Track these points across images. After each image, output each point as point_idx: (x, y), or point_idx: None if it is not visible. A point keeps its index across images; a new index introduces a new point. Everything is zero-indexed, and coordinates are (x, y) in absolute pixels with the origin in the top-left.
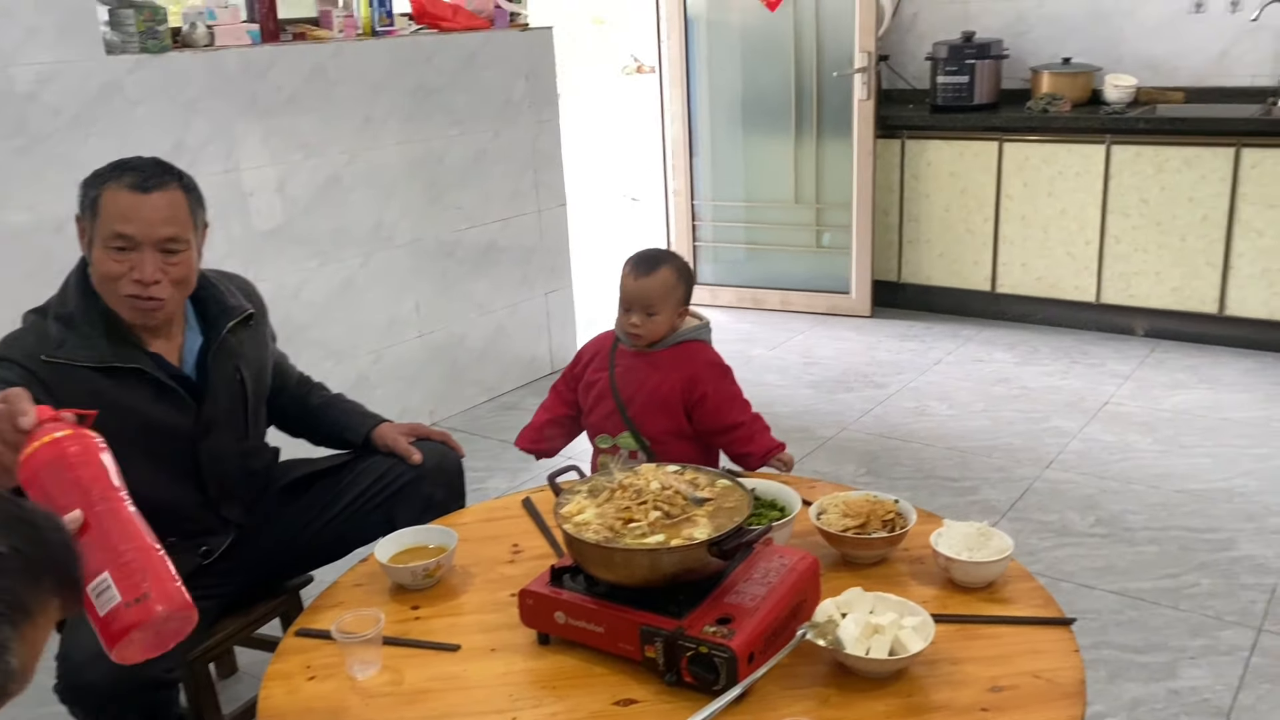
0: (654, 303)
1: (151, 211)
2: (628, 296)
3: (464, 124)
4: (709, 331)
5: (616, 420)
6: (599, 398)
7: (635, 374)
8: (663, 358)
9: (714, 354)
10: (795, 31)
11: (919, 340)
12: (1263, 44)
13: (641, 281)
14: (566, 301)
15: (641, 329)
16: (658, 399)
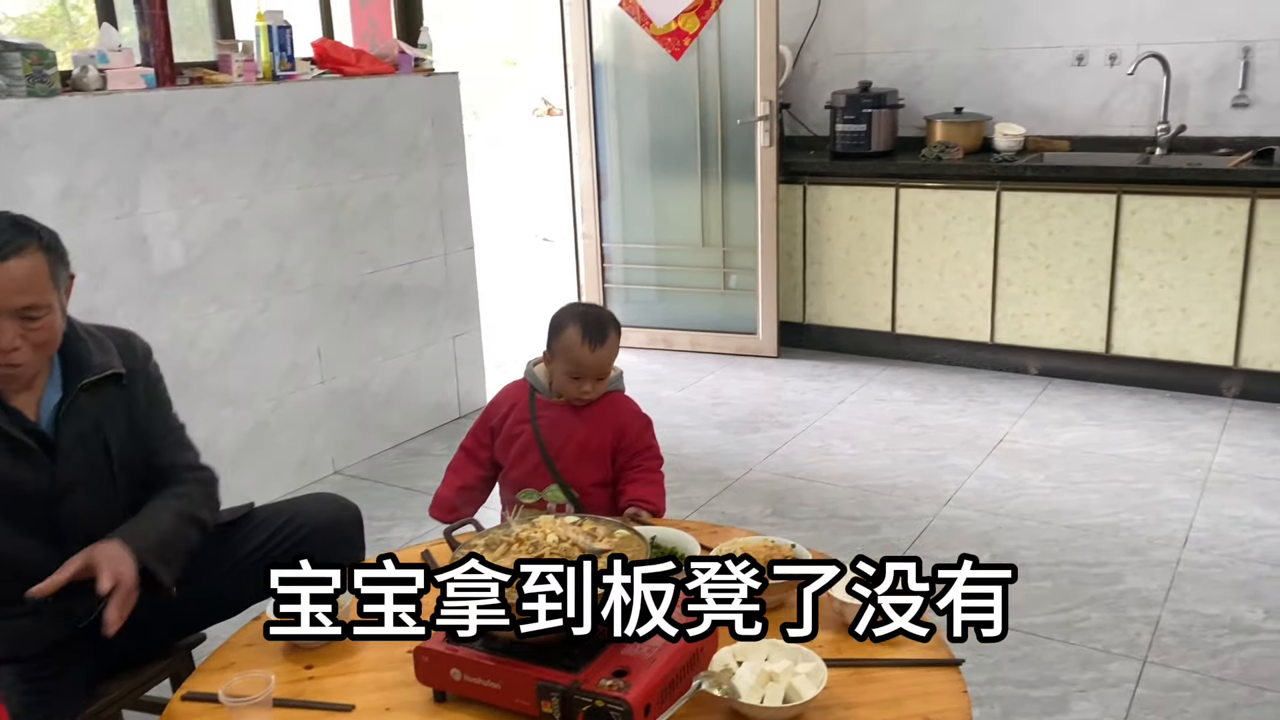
0: (607, 369)
1: (8, 281)
2: (583, 367)
3: (368, 167)
4: (623, 380)
5: (543, 473)
6: (523, 451)
7: (562, 426)
8: (589, 410)
9: (636, 405)
10: (700, 80)
11: (824, 380)
12: (1140, 96)
13: (599, 352)
14: (475, 344)
15: (593, 394)
16: (589, 451)
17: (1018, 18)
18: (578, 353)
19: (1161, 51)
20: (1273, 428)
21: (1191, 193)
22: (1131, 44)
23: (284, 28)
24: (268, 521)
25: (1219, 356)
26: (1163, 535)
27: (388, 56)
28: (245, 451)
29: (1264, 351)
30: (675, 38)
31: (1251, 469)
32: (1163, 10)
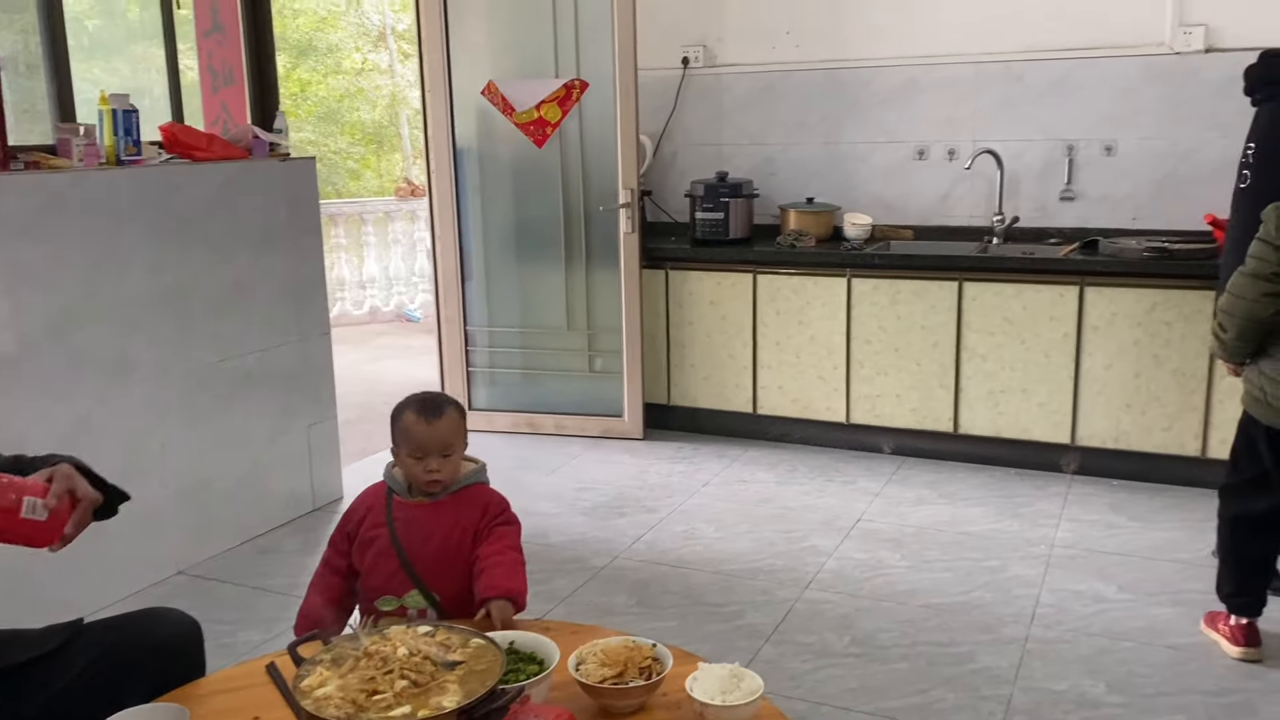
0: (450, 443)
1: None
2: (422, 443)
3: (219, 253)
4: (486, 473)
5: (402, 579)
6: (380, 556)
7: (419, 526)
8: (447, 505)
9: (500, 497)
10: (563, 166)
11: (688, 462)
12: (977, 189)
13: (435, 424)
14: (330, 433)
15: (441, 473)
16: (448, 549)
17: (862, 115)
18: (414, 430)
19: (994, 148)
20: (1108, 502)
21: (1026, 280)
22: (968, 140)
23: (129, 111)
24: (97, 641)
25: (1057, 434)
26: (1011, 612)
27: (241, 141)
28: (79, 554)
29: (1097, 429)
30: (537, 125)
31: (1090, 543)
32: (994, 110)
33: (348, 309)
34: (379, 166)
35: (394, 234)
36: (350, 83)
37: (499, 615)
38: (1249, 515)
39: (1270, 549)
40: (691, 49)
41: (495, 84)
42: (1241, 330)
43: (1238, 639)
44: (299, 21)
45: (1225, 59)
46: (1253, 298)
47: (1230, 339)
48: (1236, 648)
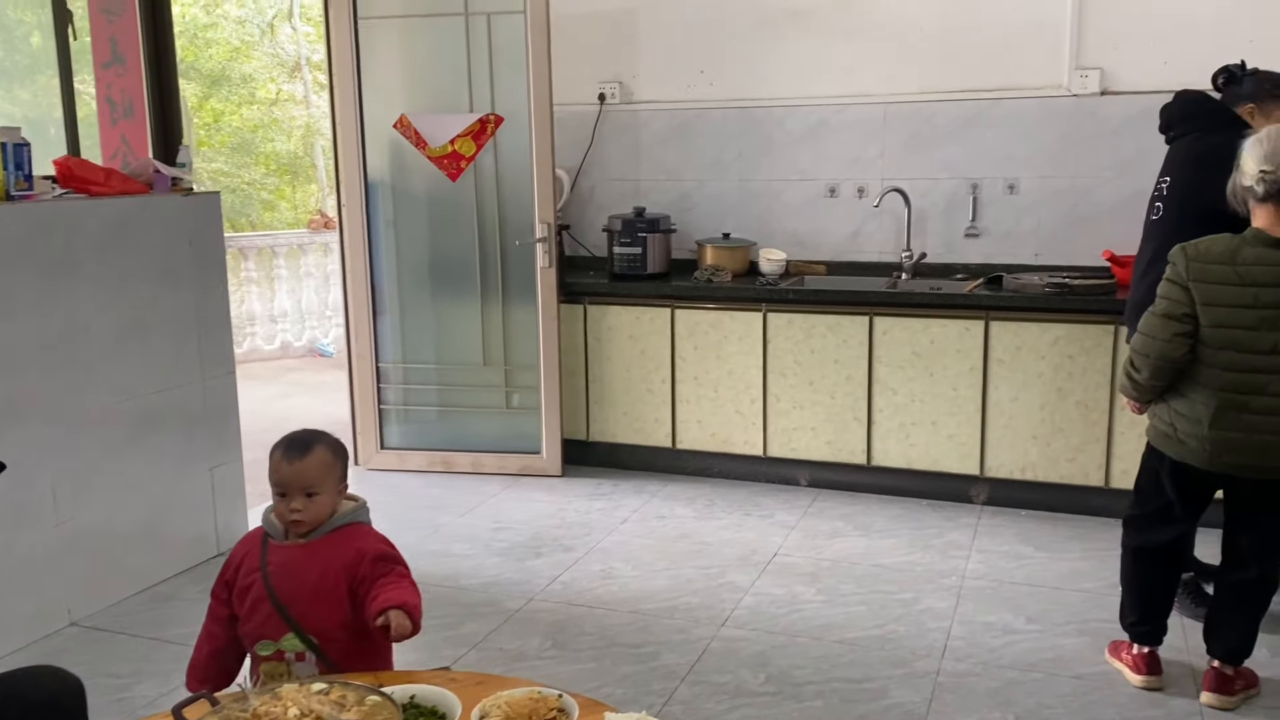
0: (313, 483)
1: None
2: (283, 481)
3: (117, 291)
4: (367, 512)
5: (277, 622)
6: (255, 602)
7: (292, 568)
8: (321, 546)
9: (378, 536)
10: (478, 201)
11: (607, 499)
12: (886, 226)
13: (297, 463)
14: (235, 476)
15: (304, 514)
16: (324, 590)
17: (775, 153)
18: (279, 468)
19: (902, 186)
20: (1017, 533)
21: (934, 315)
22: (877, 179)
23: (20, 145)
24: None
25: (967, 466)
26: (924, 646)
27: (141, 175)
28: None
29: (1005, 460)
30: (451, 160)
31: (1000, 574)
32: (901, 150)
33: (258, 344)
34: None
35: (307, 267)
36: (265, 113)
37: (395, 623)
38: (1152, 546)
39: (1172, 579)
40: (608, 85)
41: (408, 117)
42: (1155, 370)
43: (1140, 667)
44: (212, 51)
45: (1119, 101)
46: (1165, 338)
47: (1144, 379)
48: (1139, 676)
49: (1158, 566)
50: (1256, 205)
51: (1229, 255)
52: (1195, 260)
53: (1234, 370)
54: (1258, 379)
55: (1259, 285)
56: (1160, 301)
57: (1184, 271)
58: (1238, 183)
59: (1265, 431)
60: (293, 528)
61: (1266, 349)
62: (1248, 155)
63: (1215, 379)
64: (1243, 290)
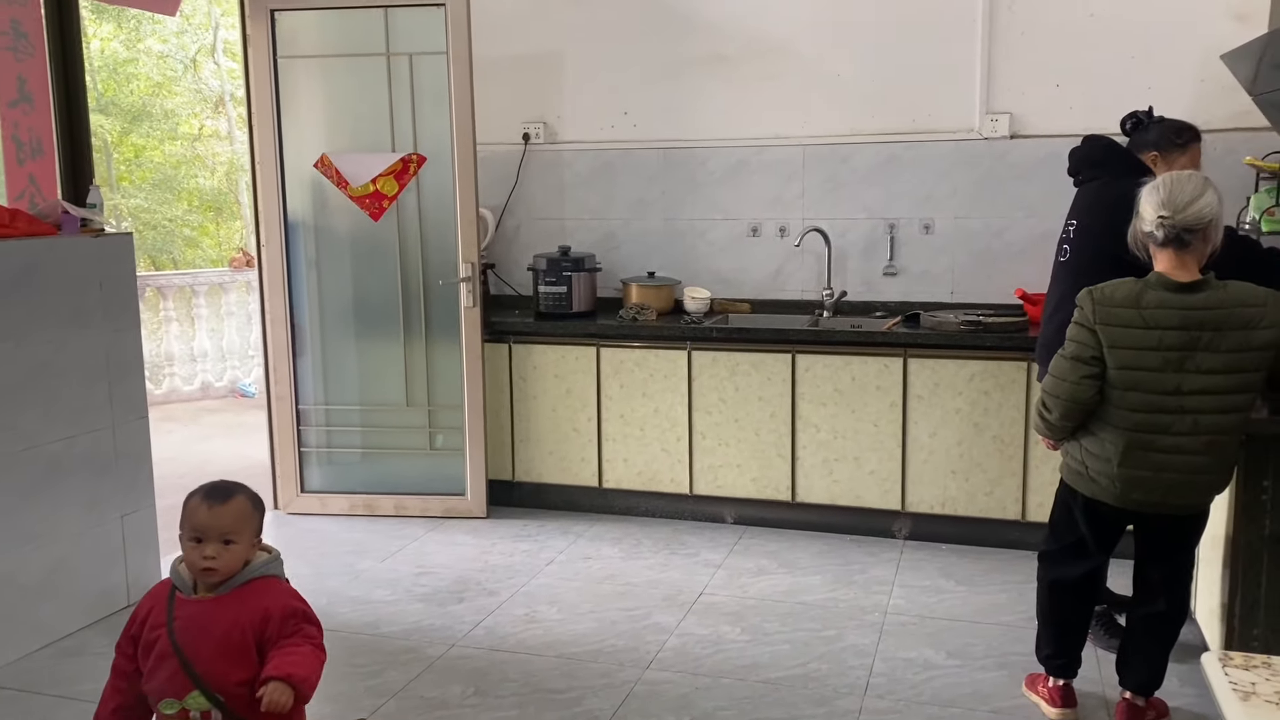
0: (230, 531)
1: None
2: (200, 527)
3: (21, 336)
4: (281, 565)
5: (182, 680)
6: (160, 659)
7: (199, 622)
8: (230, 600)
9: (290, 591)
10: (401, 240)
11: (532, 540)
12: (807, 265)
13: (216, 509)
14: (148, 523)
15: (218, 562)
16: (231, 646)
17: (698, 193)
18: (197, 513)
19: (822, 226)
20: (938, 567)
21: (854, 352)
22: (797, 218)
23: None
24: None
25: (889, 501)
26: (846, 684)
27: (49, 217)
28: None
29: (925, 495)
30: (374, 199)
31: (921, 609)
32: (820, 191)
33: (178, 384)
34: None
35: (228, 306)
36: (188, 149)
37: (270, 697)
38: (1066, 580)
39: (1086, 612)
40: (532, 125)
41: (329, 157)
42: (1066, 411)
43: (1055, 700)
44: (133, 86)
45: (1028, 144)
46: (1074, 380)
47: (1055, 419)
48: (1055, 709)
49: (1072, 600)
50: (1157, 250)
51: (1133, 299)
52: (1101, 304)
53: (1140, 410)
54: (1163, 419)
55: (1162, 328)
56: (1069, 344)
57: (1091, 315)
58: (1138, 228)
59: (1171, 470)
60: (203, 577)
61: (1170, 389)
62: (1146, 202)
63: (1123, 419)
64: (1147, 333)
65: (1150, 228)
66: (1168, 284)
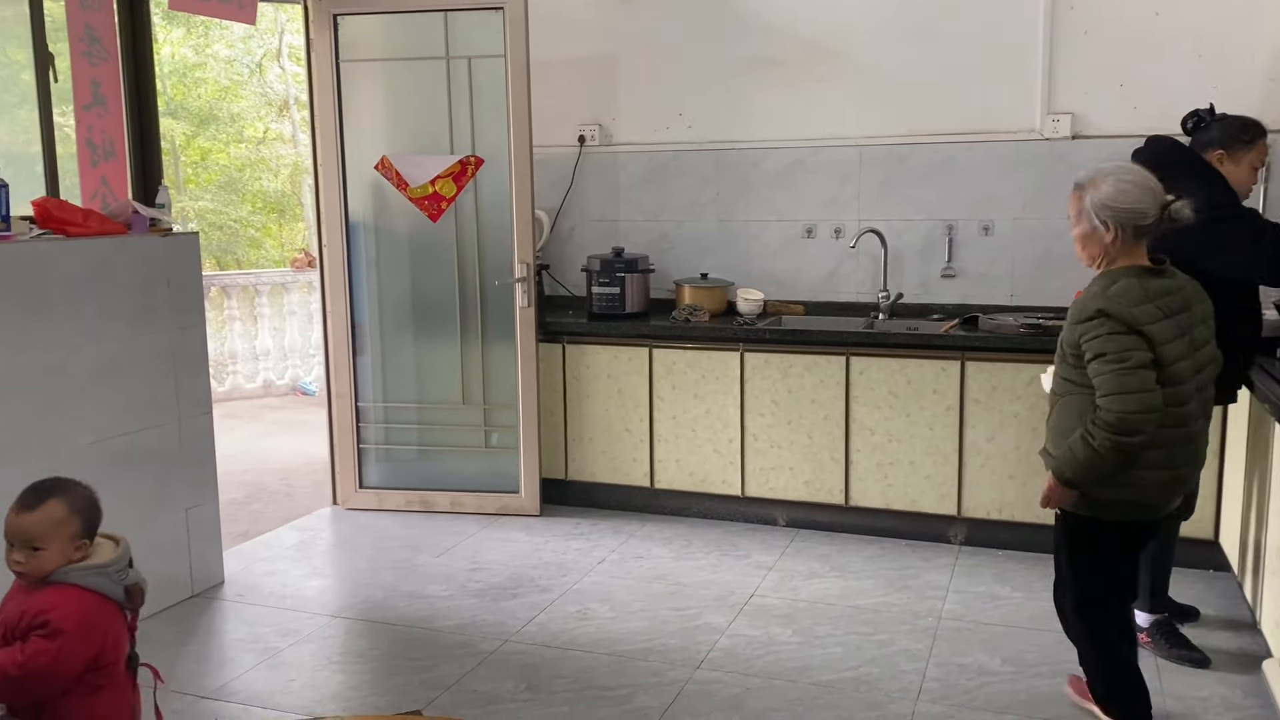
0: (37, 539)
1: None
2: (7, 531)
3: (92, 332)
4: (108, 581)
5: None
6: None
7: (11, 604)
8: (29, 595)
9: (64, 601)
10: (459, 241)
11: (584, 538)
12: (862, 267)
13: (23, 516)
14: (211, 516)
15: (24, 567)
16: (3, 637)
17: (752, 194)
18: (5, 517)
19: (878, 227)
20: (994, 573)
21: (910, 355)
22: (853, 220)
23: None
24: None
25: (944, 506)
26: (899, 688)
27: (120, 216)
28: None
29: (982, 500)
30: (432, 201)
31: (976, 615)
32: (877, 192)
33: (240, 382)
34: (280, 235)
35: (290, 305)
36: (253, 151)
37: None
38: (1128, 619)
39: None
40: (587, 127)
41: (389, 159)
42: (1156, 422)
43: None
44: (200, 90)
45: (1090, 145)
46: (1153, 388)
47: (1147, 436)
48: (1108, 717)
49: (1129, 636)
50: (1134, 243)
51: (1144, 294)
52: (1128, 304)
53: (1180, 404)
54: (1191, 406)
55: (1174, 314)
56: (1128, 354)
57: (1130, 318)
58: (1123, 217)
59: (1200, 457)
60: (18, 578)
61: (1190, 374)
62: (1129, 196)
63: (1171, 417)
64: (1168, 323)
65: (1149, 220)
66: (1151, 272)
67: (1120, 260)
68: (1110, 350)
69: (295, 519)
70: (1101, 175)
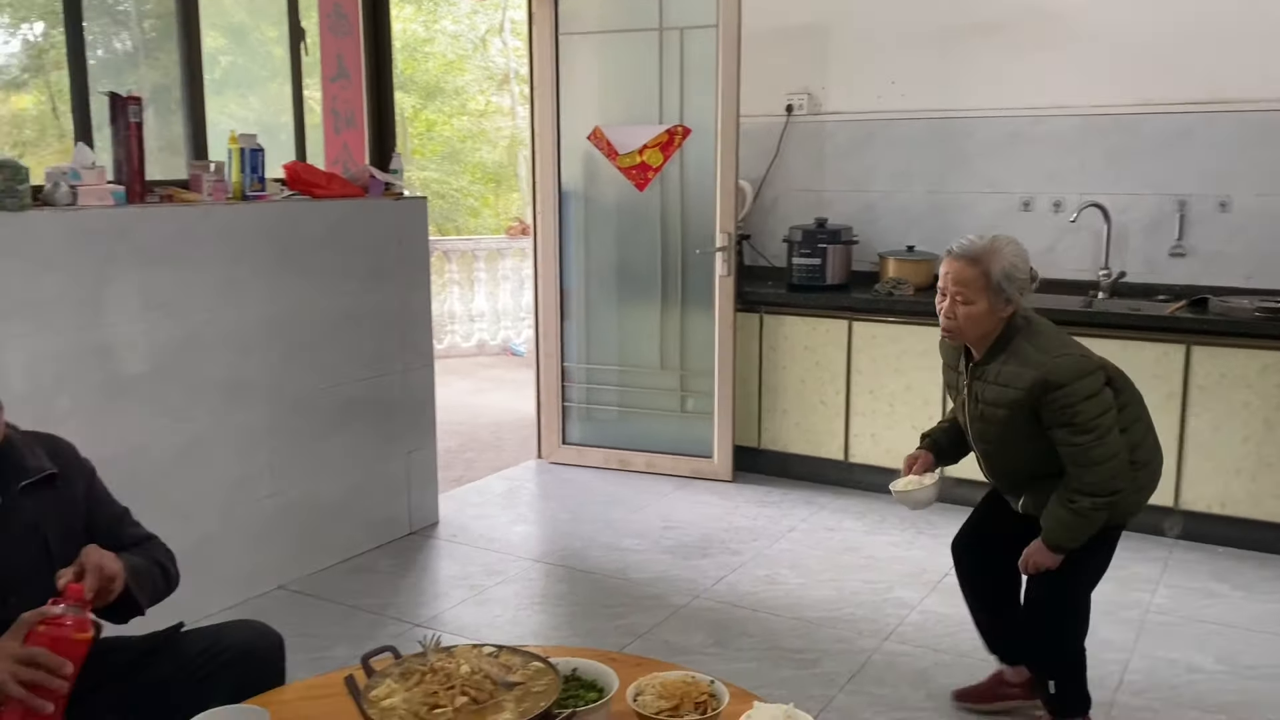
0: None
1: None
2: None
3: (331, 285)
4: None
5: None
6: None
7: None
8: None
9: None
10: (663, 210)
11: (775, 507)
12: (1082, 242)
13: None
14: (429, 461)
15: None
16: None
17: (965, 165)
18: None
19: (1102, 201)
20: (1211, 570)
21: (1131, 336)
22: (1074, 193)
23: (256, 150)
24: (190, 647)
25: (1160, 497)
26: (1097, 676)
27: (358, 180)
28: (188, 565)
29: (1203, 493)
30: (639, 170)
31: (1189, 611)
32: (1102, 164)
33: (457, 341)
34: (497, 205)
35: (504, 270)
36: (474, 124)
37: None
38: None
39: None
40: (796, 96)
41: (601, 129)
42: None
43: None
44: (429, 65)
45: None
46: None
47: (1122, 495)
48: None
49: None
50: (1024, 296)
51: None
52: (1092, 354)
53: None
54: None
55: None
56: (1111, 415)
57: (1105, 373)
58: (1020, 286)
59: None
60: None
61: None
62: (1020, 258)
63: (1148, 432)
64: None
65: (1034, 282)
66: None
67: (1022, 306)
68: (1096, 408)
69: (503, 469)
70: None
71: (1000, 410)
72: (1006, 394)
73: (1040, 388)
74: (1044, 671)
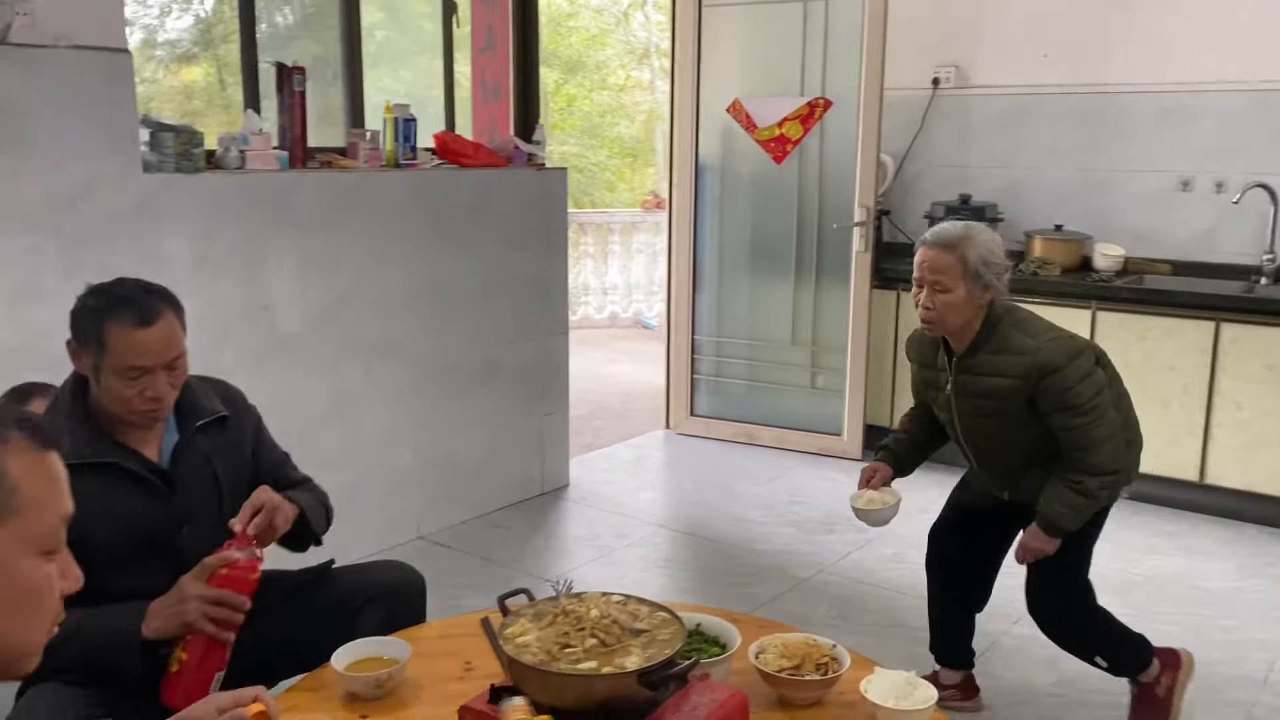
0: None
1: (158, 342)
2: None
3: (475, 252)
4: None
5: None
6: None
7: None
8: None
9: None
10: (800, 183)
11: (905, 486)
12: (1246, 225)
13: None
14: (561, 425)
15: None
16: None
17: (1120, 142)
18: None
19: (1269, 182)
20: None
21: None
22: (1238, 173)
23: (409, 120)
24: (340, 581)
25: None
26: (1240, 674)
27: (503, 150)
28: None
29: None
30: (778, 143)
31: None
32: (1270, 142)
33: (590, 313)
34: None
35: (638, 244)
36: (613, 98)
37: None
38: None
39: None
40: (943, 69)
41: (740, 101)
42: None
43: None
44: (572, 39)
45: None
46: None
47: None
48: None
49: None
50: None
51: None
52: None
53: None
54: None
55: None
56: (1106, 393)
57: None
58: (1002, 273)
59: None
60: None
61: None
62: (999, 247)
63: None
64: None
65: (1008, 270)
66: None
67: (1000, 296)
68: (1095, 390)
69: (632, 438)
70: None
71: (992, 401)
72: (999, 384)
73: (1036, 374)
74: (1085, 656)
